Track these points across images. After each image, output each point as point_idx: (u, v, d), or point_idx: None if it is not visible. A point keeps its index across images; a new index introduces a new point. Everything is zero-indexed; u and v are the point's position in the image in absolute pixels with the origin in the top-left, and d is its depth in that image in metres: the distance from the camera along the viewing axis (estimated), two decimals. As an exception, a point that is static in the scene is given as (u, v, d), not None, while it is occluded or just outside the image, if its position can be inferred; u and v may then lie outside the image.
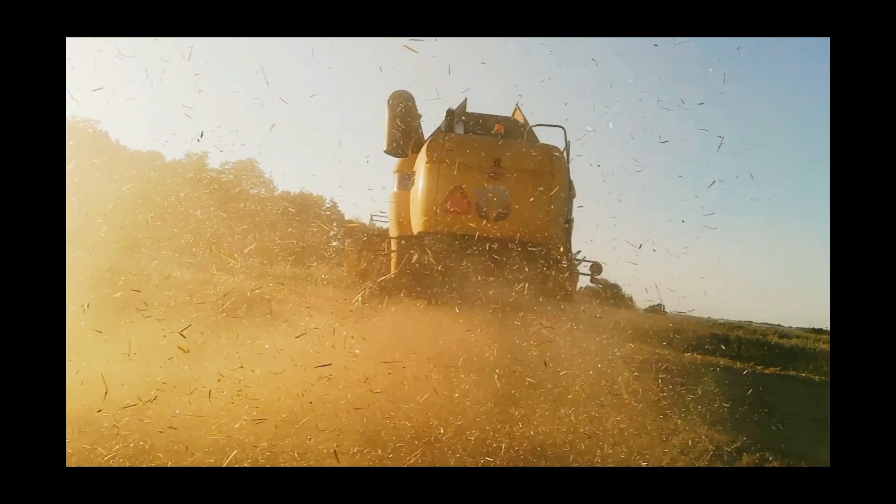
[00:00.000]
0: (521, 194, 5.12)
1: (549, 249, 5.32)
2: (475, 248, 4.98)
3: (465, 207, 5.07)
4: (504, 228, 5.09)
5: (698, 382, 4.90)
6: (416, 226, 5.36)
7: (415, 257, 5.21)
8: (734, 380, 6.14)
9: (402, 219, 5.76)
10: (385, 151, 5.93)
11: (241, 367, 3.59)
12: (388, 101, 5.88)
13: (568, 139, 5.84)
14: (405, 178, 5.85)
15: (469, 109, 6.86)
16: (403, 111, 5.80)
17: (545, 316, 4.80)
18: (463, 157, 5.12)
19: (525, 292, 4.81)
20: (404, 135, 5.80)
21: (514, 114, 7.14)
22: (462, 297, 4.84)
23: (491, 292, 4.81)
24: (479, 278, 4.88)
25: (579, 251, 5.90)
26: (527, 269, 5.00)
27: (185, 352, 3.54)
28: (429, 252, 5.10)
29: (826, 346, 11.62)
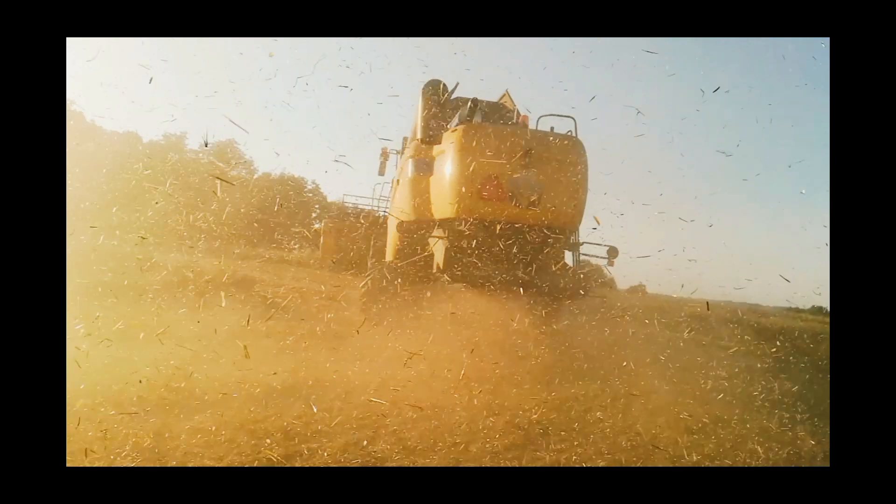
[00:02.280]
0: (550, 183, 5.39)
1: (572, 234, 5.72)
2: (507, 233, 5.27)
3: (500, 195, 5.26)
4: (535, 215, 5.35)
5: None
6: (447, 211, 5.48)
7: (444, 245, 5.38)
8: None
9: (421, 204, 5.90)
10: (421, 140, 6.05)
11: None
12: (424, 90, 5.97)
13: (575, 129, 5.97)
14: (423, 164, 5.96)
15: (455, 98, 6.93)
16: (438, 100, 5.93)
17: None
18: (496, 146, 5.32)
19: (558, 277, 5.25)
20: (438, 122, 5.93)
21: (501, 98, 7.16)
22: (506, 283, 5.11)
23: (538, 281, 5.17)
24: (515, 262, 5.21)
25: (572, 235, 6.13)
26: (549, 254, 5.41)
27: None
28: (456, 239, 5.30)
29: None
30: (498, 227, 5.18)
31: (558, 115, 5.88)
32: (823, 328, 11.24)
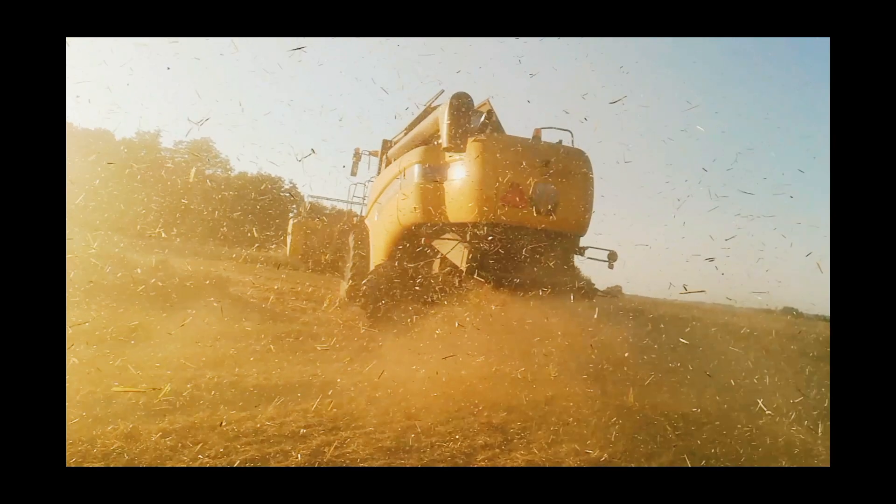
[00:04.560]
0: (565, 192, 5.92)
1: (577, 239, 6.22)
2: (525, 237, 5.73)
3: (521, 202, 5.75)
4: (552, 221, 5.86)
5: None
6: (467, 216, 5.90)
7: (465, 247, 5.77)
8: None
9: (431, 207, 6.28)
10: (445, 148, 6.32)
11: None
12: (451, 101, 6.28)
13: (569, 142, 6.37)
14: (431, 170, 6.36)
15: (439, 102, 7.15)
16: (464, 111, 6.25)
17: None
18: (516, 157, 5.80)
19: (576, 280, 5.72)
20: (464, 132, 6.25)
21: (481, 106, 7.25)
22: (524, 283, 5.43)
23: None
24: (530, 264, 5.62)
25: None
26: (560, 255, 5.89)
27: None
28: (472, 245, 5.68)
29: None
30: (522, 231, 5.61)
31: (557, 129, 6.35)
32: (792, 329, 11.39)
